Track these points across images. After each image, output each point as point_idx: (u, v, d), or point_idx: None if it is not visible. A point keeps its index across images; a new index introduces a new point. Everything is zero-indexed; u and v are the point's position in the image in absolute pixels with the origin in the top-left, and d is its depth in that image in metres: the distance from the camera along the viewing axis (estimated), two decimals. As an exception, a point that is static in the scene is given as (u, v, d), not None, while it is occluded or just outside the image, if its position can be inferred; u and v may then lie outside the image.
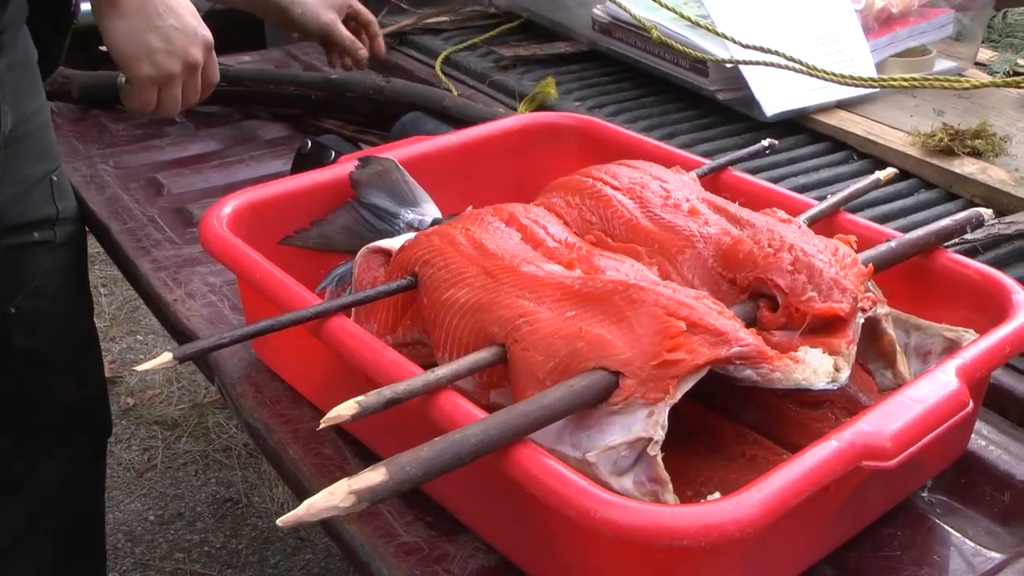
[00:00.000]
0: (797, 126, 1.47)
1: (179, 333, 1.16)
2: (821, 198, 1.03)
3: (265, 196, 1.05)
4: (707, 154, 1.41)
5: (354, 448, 0.95)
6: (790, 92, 1.43)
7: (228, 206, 1.02)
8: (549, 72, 1.71)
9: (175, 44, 1.13)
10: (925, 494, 0.90)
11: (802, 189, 1.30)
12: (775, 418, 0.87)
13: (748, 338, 0.73)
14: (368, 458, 0.92)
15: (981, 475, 0.91)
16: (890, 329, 0.83)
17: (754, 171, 1.36)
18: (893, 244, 0.91)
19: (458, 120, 1.45)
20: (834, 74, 1.35)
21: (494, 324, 0.77)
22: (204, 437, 2.48)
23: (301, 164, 1.35)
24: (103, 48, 1.81)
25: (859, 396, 0.88)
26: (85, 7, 1.23)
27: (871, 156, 1.39)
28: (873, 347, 0.84)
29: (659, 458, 0.70)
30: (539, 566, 0.78)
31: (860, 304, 0.79)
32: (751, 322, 0.81)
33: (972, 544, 0.85)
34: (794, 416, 0.87)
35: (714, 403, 0.89)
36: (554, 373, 0.73)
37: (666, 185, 0.94)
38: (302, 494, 0.94)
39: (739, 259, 0.83)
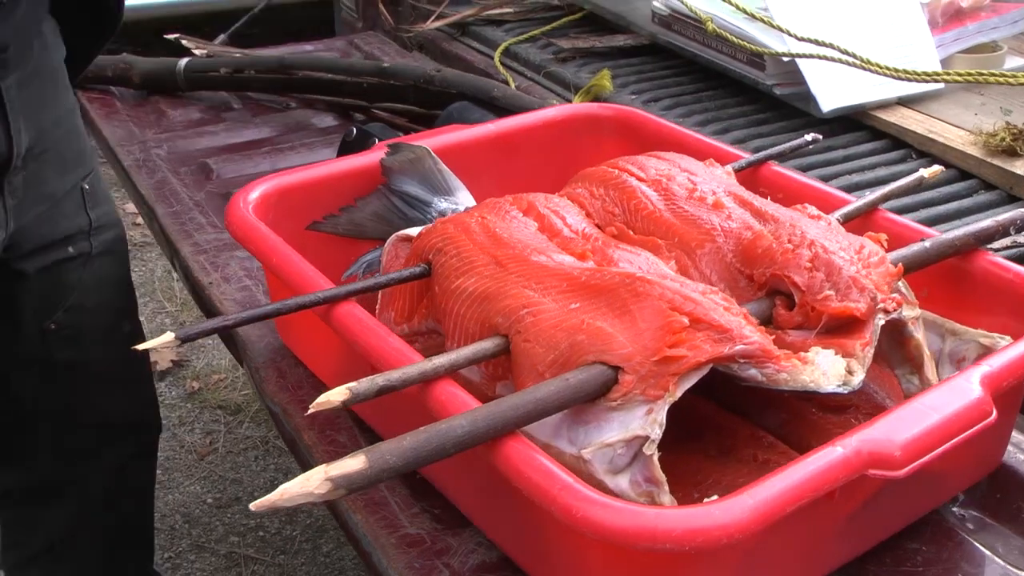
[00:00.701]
0: (855, 123, 1.43)
1: (213, 315, 1.17)
2: (870, 197, 0.99)
3: (294, 182, 1.05)
4: (760, 150, 1.37)
5: (370, 437, 0.94)
6: (848, 87, 1.38)
7: (256, 191, 1.02)
8: (608, 65, 1.68)
9: None
10: (956, 508, 0.86)
11: (856, 188, 1.26)
12: (795, 422, 0.84)
13: (754, 336, 0.70)
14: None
15: (1017, 490, 0.87)
16: (917, 333, 0.79)
17: (807, 168, 1.32)
18: (927, 244, 0.87)
19: (506, 110, 1.43)
20: (887, 67, 1.30)
21: (498, 314, 0.76)
22: (266, 423, 2.50)
23: (346, 151, 1.34)
24: (168, 36, 1.84)
25: (886, 402, 0.85)
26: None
27: (930, 155, 1.33)
28: (899, 351, 0.80)
29: (655, 457, 0.68)
30: (534, 564, 0.76)
31: (883, 305, 0.75)
32: (766, 320, 0.77)
33: (1002, 563, 0.81)
34: (815, 421, 0.84)
35: (733, 404, 0.86)
36: (554, 366, 0.71)
37: (694, 178, 0.91)
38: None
39: (757, 254, 0.80)
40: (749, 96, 1.52)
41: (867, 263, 0.78)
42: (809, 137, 1.12)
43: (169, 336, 0.77)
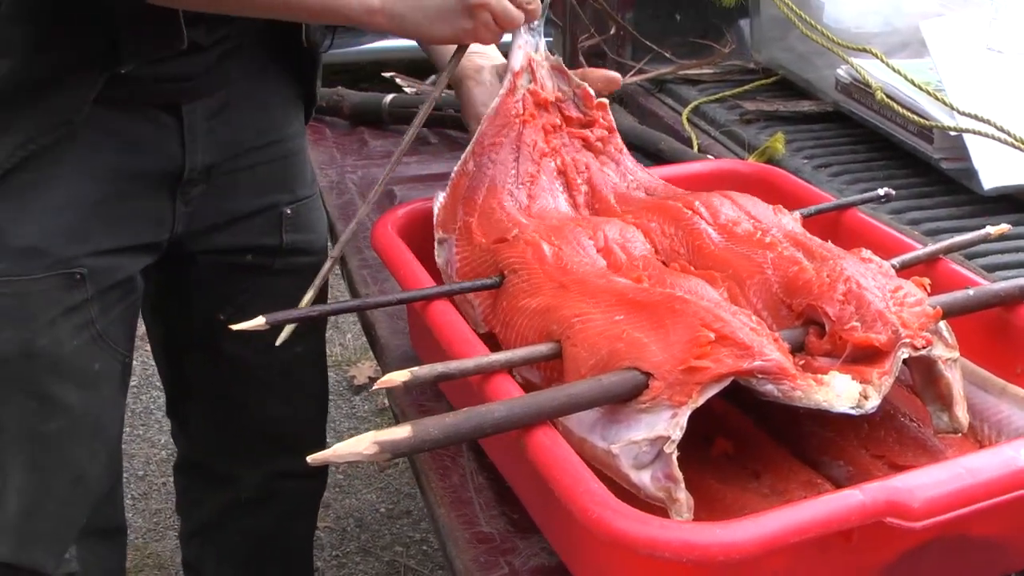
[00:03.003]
0: (1022, 203, 1.40)
1: (365, 324, 1.29)
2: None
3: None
4: (915, 222, 1.38)
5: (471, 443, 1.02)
6: (1015, 166, 1.36)
7: (402, 211, 1.13)
8: (788, 129, 1.72)
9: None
10: (1028, 590, 0.85)
11: (1000, 267, 1.25)
12: (862, 477, 0.86)
13: (773, 354, 0.76)
14: (480, 453, 1.00)
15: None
16: (948, 373, 0.83)
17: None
18: (971, 292, 0.92)
19: (671, 163, 1.49)
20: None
21: (554, 323, 0.85)
22: (446, 446, 2.63)
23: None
24: (385, 74, 2.00)
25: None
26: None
27: (1091, 244, 1.30)
28: (931, 388, 0.84)
29: (674, 456, 0.74)
30: (575, 567, 0.82)
31: (909, 340, 0.80)
32: (799, 346, 0.84)
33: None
34: (882, 479, 0.86)
35: (804, 453, 0.90)
36: (595, 369, 0.79)
37: (758, 224, 0.99)
38: (417, 475, 1.02)
39: (798, 286, 0.87)
40: (918, 169, 1.52)
41: (900, 302, 0.84)
42: (882, 191, 1.20)
43: (260, 320, 0.89)
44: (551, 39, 2.33)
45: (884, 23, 1.66)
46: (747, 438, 0.91)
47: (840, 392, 0.76)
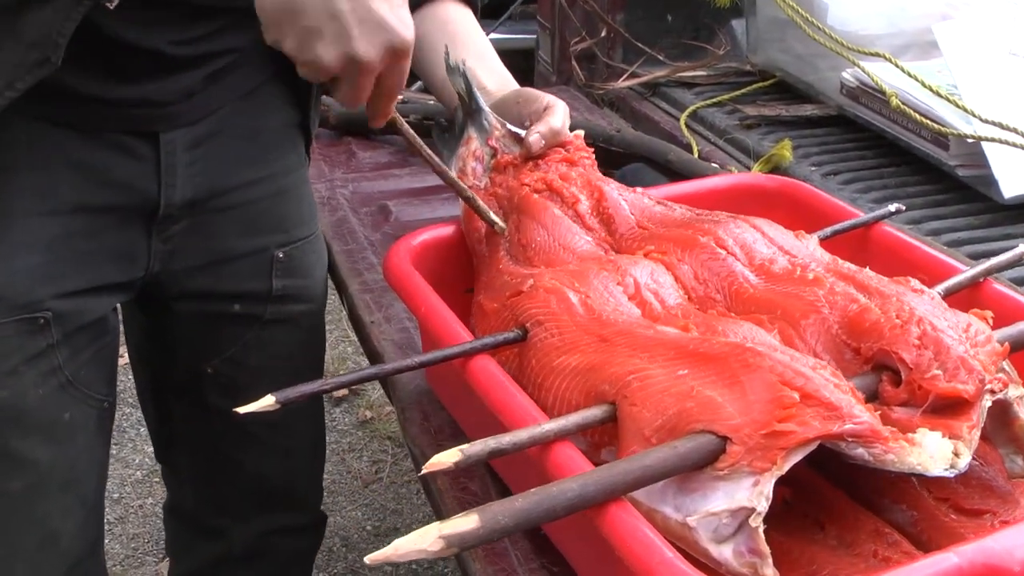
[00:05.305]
0: (1044, 212, 1.37)
1: (371, 353, 1.22)
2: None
3: (455, 233, 1.09)
4: (935, 232, 1.34)
5: (500, 487, 0.96)
6: (1037, 175, 1.33)
7: (417, 239, 1.07)
8: (792, 134, 1.67)
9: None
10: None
11: (1021, 281, 1.20)
12: (927, 522, 0.81)
13: (863, 416, 0.70)
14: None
15: None
16: (1023, 413, 0.78)
17: (978, 256, 1.27)
18: None
19: (680, 174, 1.44)
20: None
21: (605, 382, 0.78)
22: (432, 458, 2.56)
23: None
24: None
25: (1029, 512, 0.81)
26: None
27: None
28: (1004, 431, 0.79)
29: (760, 530, 0.68)
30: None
31: (990, 386, 0.75)
32: (872, 395, 0.78)
33: None
34: (949, 524, 0.81)
35: (863, 496, 0.84)
36: (661, 431, 0.72)
37: (794, 259, 0.93)
38: (443, 524, 0.96)
39: (865, 328, 0.81)
40: (931, 176, 1.48)
41: (975, 342, 0.78)
42: (893, 207, 1.13)
43: (269, 399, 0.82)
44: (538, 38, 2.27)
45: (889, 24, 1.62)
46: (803, 482, 0.85)
47: (933, 453, 0.70)
